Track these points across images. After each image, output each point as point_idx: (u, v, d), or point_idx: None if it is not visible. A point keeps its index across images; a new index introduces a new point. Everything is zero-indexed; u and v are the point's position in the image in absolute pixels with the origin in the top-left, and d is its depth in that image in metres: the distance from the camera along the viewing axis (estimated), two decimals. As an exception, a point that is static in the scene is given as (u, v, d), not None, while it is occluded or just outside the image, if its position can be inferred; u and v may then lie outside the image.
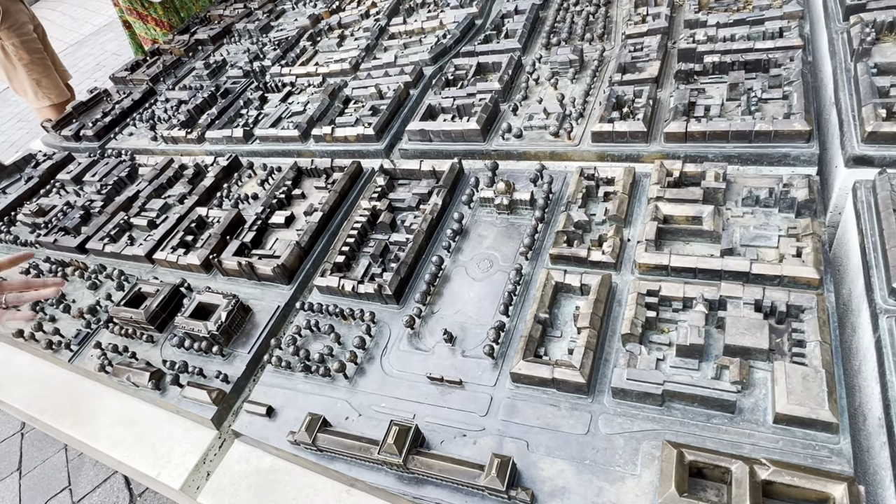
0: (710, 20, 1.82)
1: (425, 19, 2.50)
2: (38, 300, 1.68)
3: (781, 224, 1.26)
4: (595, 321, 1.16)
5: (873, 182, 1.23)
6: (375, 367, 1.31)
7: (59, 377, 1.67)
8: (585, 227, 1.40)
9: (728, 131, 1.45)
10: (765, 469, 0.87)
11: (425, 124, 1.85)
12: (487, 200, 1.58)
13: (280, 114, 2.25)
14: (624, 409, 1.07)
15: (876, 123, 1.29)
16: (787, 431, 0.97)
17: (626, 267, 1.31)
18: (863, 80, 1.40)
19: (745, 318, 1.08)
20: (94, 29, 7.94)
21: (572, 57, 1.90)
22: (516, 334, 1.25)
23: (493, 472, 0.99)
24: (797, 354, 1.03)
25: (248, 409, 1.32)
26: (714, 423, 1.01)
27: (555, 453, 1.05)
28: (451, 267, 1.47)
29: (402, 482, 1.11)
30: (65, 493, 2.37)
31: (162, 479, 1.32)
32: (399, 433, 1.09)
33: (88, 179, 2.34)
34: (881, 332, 1.03)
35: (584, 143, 1.64)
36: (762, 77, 1.61)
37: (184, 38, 3.24)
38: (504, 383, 1.19)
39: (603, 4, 2.20)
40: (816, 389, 0.95)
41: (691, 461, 0.92)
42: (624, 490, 0.98)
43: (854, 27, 1.57)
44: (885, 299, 1.06)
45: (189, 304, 1.53)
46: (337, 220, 1.73)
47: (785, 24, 1.70)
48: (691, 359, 1.09)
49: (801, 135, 1.39)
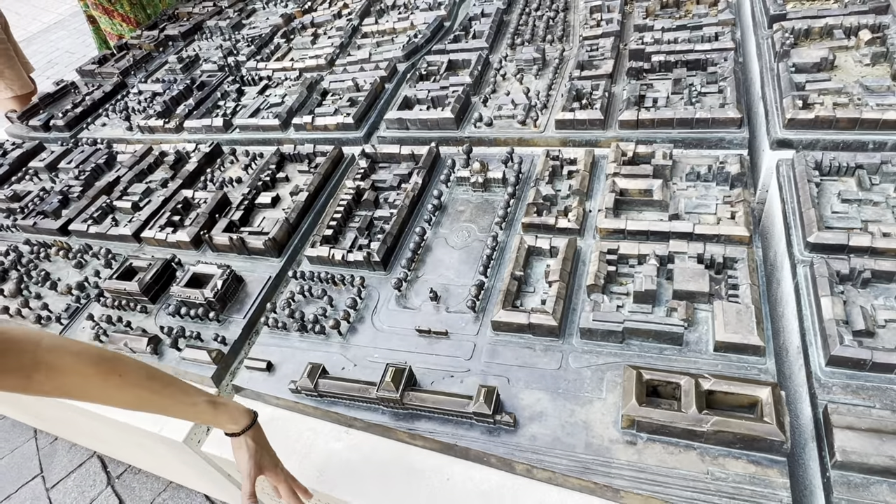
0: (656, 25, 2.05)
1: (396, 20, 2.65)
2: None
3: (718, 195, 1.48)
4: (564, 276, 1.34)
5: (792, 159, 1.46)
6: (367, 325, 1.44)
7: (48, 350, 1.71)
8: (553, 200, 1.58)
9: (673, 119, 1.66)
10: (707, 381, 1.06)
11: (402, 113, 2.00)
12: (464, 180, 1.74)
13: (258, 105, 2.35)
14: (590, 347, 1.25)
15: (794, 112, 1.52)
16: (724, 357, 1.16)
17: (588, 233, 1.49)
18: (783, 77, 1.64)
19: (689, 269, 1.28)
20: (43, 26, 7.71)
21: (536, 55, 2.10)
22: (495, 291, 1.41)
23: (480, 399, 1.14)
24: (732, 296, 1.23)
25: (248, 364, 1.42)
26: (666, 355, 1.19)
27: (532, 386, 1.21)
28: (433, 238, 1.62)
29: (398, 418, 1.24)
30: (37, 480, 2.36)
31: (164, 433, 1.40)
32: (395, 373, 1.22)
33: (64, 167, 2.37)
34: (798, 278, 1.24)
35: (549, 130, 1.83)
36: (701, 74, 1.84)
37: (153, 34, 3.28)
38: (485, 332, 1.34)
39: (562, 10, 2.42)
40: (747, 321, 1.15)
41: (648, 380, 1.09)
42: (592, 410, 1.14)
43: (776, 33, 1.82)
44: (802, 252, 1.28)
45: (183, 275, 1.62)
46: (322, 199, 1.85)
47: (720, 30, 1.94)
48: (646, 304, 1.27)
49: (734, 121, 1.61)
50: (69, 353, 0.94)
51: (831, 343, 1.07)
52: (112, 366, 0.98)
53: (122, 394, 1.00)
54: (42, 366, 0.90)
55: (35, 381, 0.89)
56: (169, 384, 1.07)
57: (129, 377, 1.00)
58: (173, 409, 1.09)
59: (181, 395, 1.08)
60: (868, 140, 1.48)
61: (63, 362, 0.92)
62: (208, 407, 1.11)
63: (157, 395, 1.05)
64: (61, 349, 0.93)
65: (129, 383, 1.00)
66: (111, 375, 0.97)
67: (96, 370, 0.95)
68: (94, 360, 0.95)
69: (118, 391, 0.99)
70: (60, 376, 0.91)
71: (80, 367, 0.94)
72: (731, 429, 0.99)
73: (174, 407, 1.09)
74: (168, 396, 1.07)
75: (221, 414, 1.13)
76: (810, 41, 1.82)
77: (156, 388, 1.04)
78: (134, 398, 1.02)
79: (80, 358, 0.94)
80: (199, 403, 1.10)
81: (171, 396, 1.07)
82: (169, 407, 1.08)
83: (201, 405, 1.10)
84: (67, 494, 2.28)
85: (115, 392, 0.99)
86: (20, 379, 0.88)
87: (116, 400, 1.01)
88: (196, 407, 1.10)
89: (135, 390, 1.01)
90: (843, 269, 1.19)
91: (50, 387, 0.91)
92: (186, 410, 1.10)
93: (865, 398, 1.03)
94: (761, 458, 1.00)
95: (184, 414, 1.11)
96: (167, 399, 1.07)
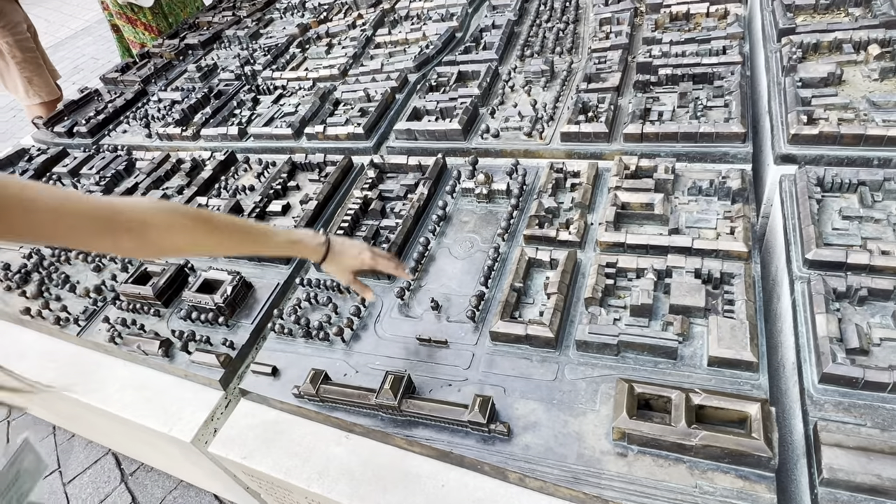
0: (664, 38, 2.07)
1: (409, 31, 2.70)
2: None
3: (719, 209, 1.48)
4: (563, 288, 1.36)
5: (794, 174, 1.47)
6: (370, 333, 1.48)
7: (66, 351, 1.78)
8: (555, 212, 1.60)
9: (677, 132, 1.67)
10: (698, 395, 1.07)
11: (411, 124, 2.03)
12: (469, 191, 1.77)
13: (272, 114, 2.41)
14: (586, 360, 1.27)
15: (798, 127, 1.53)
16: (718, 372, 1.17)
17: (589, 246, 1.51)
18: (790, 91, 1.65)
19: (686, 284, 1.29)
20: (70, 33, 7.93)
21: (544, 67, 2.12)
22: (495, 302, 1.43)
23: (475, 409, 1.17)
24: (728, 311, 1.24)
25: (254, 369, 1.47)
26: (660, 368, 1.21)
27: (528, 396, 1.23)
28: (437, 248, 1.65)
29: (396, 425, 1.27)
30: (55, 475, 2.44)
31: (174, 433, 1.45)
32: (394, 381, 1.26)
33: (86, 172, 2.45)
34: (796, 294, 1.25)
35: (554, 142, 1.85)
36: (707, 88, 1.85)
37: (174, 43, 3.37)
38: (484, 342, 1.37)
39: (572, 22, 2.44)
40: (741, 336, 1.16)
41: (640, 393, 1.11)
42: (585, 422, 1.16)
43: (784, 47, 1.82)
44: (800, 268, 1.29)
45: (195, 280, 1.67)
46: (330, 208, 1.90)
47: (728, 43, 1.94)
48: (642, 317, 1.29)
49: (738, 136, 1.62)
50: (167, 212, 1.04)
51: (824, 360, 1.08)
52: (201, 216, 1.11)
53: (222, 239, 1.15)
54: (151, 227, 1.00)
55: (150, 241, 1.00)
56: (251, 225, 1.26)
57: (219, 223, 1.15)
58: (260, 249, 1.25)
59: (263, 237, 1.24)
60: (873, 156, 1.48)
61: (169, 220, 1.03)
62: (288, 246, 1.31)
63: (247, 234, 1.21)
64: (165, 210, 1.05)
65: (221, 228, 1.15)
66: (207, 224, 1.11)
67: (195, 223, 1.07)
68: (191, 216, 1.08)
69: (219, 238, 1.14)
70: (170, 233, 1.03)
71: (183, 221, 1.05)
72: (720, 443, 1.00)
73: (260, 248, 1.25)
74: (254, 237, 1.22)
75: (301, 251, 1.32)
76: (819, 55, 1.82)
77: (244, 230, 1.21)
78: (230, 242, 1.18)
79: (177, 214, 1.06)
80: (281, 245, 1.29)
81: (255, 237, 1.22)
82: (258, 248, 1.25)
83: (283, 245, 1.30)
84: (83, 490, 2.35)
85: (217, 238, 1.13)
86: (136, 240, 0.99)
87: (223, 246, 1.20)
88: (279, 248, 1.30)
89: (228, 233, 1.16)
90: (840, 286, 1.20)
91: (165, 244, 1.03)
92: (271, 250, 1.28)
93: (856, 416, 1.04)
94: (749, 473, 1.01)
95: (269, 252, 1.29)
96: (253, 239, 1.22)
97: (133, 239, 0.97)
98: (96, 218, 0.94)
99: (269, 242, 1.24)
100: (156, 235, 1.00)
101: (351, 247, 1.38)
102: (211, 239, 1.12)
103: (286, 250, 1.34)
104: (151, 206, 1.02)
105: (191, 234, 1.06)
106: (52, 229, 0.90)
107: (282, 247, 1.30)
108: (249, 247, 1.23)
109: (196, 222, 1.07)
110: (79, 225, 0.92)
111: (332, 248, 1.34)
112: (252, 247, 1.23)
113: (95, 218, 0.94)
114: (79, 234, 0.94)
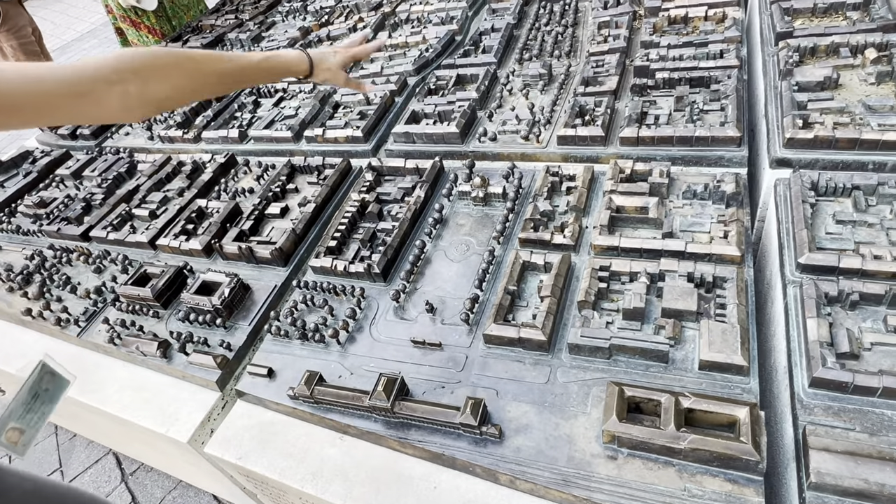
0: (662, 42, 2.07)
1: (409, 34, 2.71)
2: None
3: (713, 213, 1.49)
4: (556, 291, 1.36)
5: (789, 179, 1.47)
6: (365, 335, 1.49)
7: (67, 352, 1.80)
8: (550, 215, 1.61)
9: (673, 136, 1.68)
10: (687, 399, 1.08)
11: (409, 127, 2.04)
12: (465, 194, 1.78)
13: (273, 117, 2.42)
14: (578, 363, 1.27)
15: (793, 131, 1.53)
16: (709, 376, 1.17)
17: (583, 249, 1.52)
18: (786, 95, 1.65)
19: (678, 287, 1.29)
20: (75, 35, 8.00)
21: (542, 71, 2.13)
22: (489, 304, 1.44)
23: (467, 411, 1.18)
24: (720, 315, 1.24)
25: (250, 370, 1.48)
26: (651, 372, 1.21)
27: (520, 398, 1.24)
28: (433, 251, 1.66)
29: (389, 427, 1.28)
30: (56, 474, 2.46)
31: (171, 434, 1.47)
32: (387, 383, 1.27)
33: (88, 174, 2.48)
34: (788, 298, 1.25)
35: (551, 146, 1.86)
36: (704, 91, 1.85)
37: (177, 46, 3.40)
38: (477, 345, 1.37)
39: (570, 25, 2.45)
40: (732, 340, 1.16)
41: (630, 396, 1.12)
42: (577, 424, 1.17)
43: (781, 51, 1.82)
44: (793, 272, 1.29)
45: (193, 282, 1.69)
46: (328, 210, 1.91)
47: (725, 47, 1.95)
48: (634, 321, 1.29)
49: (734, 140, 1.62)
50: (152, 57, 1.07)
51: (814, 365, 1.08)
52: (188, 56, 1.14)
53: (210, 77, 1.20)
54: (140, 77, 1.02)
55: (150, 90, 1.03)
56: (230, 53, 1.35)
57: (203, 60, 1.18)
58: (245, 71, 1.31)
59: (244, 58, 1.30)
60: (868, 160, 1.48)
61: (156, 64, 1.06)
62: (272, 61, 1.37)
63: (228, 60, 1.26)
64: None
65: (208, 64, 1.19)
66: (191, 61, 1.14)
67: (177, 60, 1.10)
68: (181, 59, 1.11)
69: (206, 76, 1.18)
70: (160, 78, 1.05)
71: (167, 60, 1.08)
72: (708, 447, 1.01)
73: (244, 70, 1.31)
74: (235, 60, 1.28)
75: (285, 63, 1.40)
76: (816, 59, 1.82)
77: (224, 56, 1.26)
78: (215, 71, 1.21)
79: (170, 57, 1.10)
80: (264, 63, 1.35)
81: (236, 60, 1.29)
82: (244, 73, 1.31)
83: (267, 64, 1.36)
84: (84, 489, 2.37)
85: (204, 77, 1.18)
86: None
87: (210, 82, 1.22)
88: (264, 66, 1.35)
89: (211, 62, 1.20)
90: (832, 290, 1.20)
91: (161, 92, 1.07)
92: (257, 72, 1.34)
93: (846, 420, 1.04)
94: (738, 476, 1.02)
95: (255, 75, 1.35)
96: (236, 62, 1.28)
97: (121, 96, 0.97)
98: (76, 80, 0.92)
99: (251, 60, 1.31)
100: (151, 85, 1.02)
101: (324, 52, 1.48)
102: (197, 76, 1.15)
103: (272, 69, 1.38)
104: (139, 54, 1.03)
105: (178, 75, 1.08)
106: (29, 98, 0.88)
107: (266, 66, 1.36)
108: (237, 75, 1.29)
109: (179, 59, 1.10)
110: (55, 90, 0.89)
111: (313, 55, 1.43)
112: (239, 74, 1.29)
113: (75, 80, 0.92)
114: (56, 100, 0.91)
